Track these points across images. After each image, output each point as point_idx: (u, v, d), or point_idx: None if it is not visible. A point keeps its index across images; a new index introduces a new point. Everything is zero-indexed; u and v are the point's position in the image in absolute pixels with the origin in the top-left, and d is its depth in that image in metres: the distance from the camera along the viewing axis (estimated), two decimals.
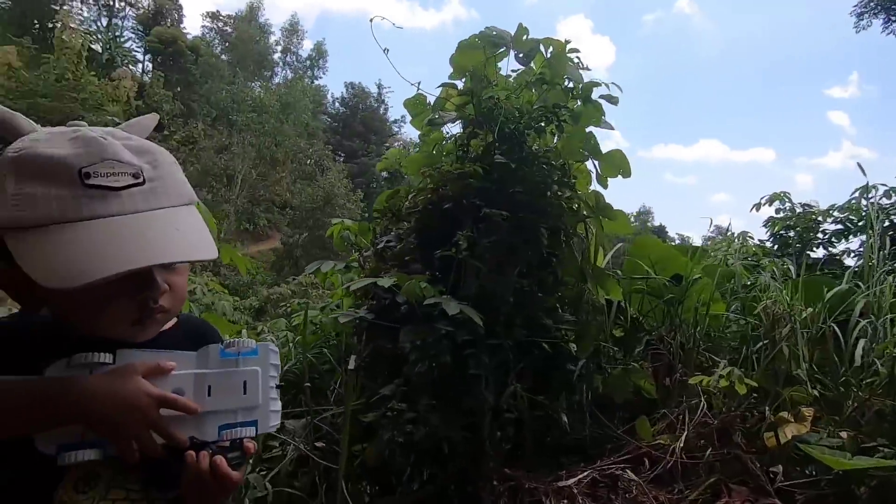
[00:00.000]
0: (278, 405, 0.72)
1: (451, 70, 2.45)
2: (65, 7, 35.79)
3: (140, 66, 40.03)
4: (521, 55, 2.22)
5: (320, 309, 2.96)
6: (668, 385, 2.57)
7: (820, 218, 4.91)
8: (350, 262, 2.73)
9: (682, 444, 2.20)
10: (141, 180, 0.62)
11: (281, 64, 42.90)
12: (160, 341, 0.70)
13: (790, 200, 5.21)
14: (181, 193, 0.67)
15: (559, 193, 2.31)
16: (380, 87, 43.27)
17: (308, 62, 42.87)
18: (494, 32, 2.19)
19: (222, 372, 0.68)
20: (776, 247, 5.08)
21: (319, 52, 43.01)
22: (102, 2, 38.99)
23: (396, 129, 44.09)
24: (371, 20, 2.11)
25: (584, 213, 2.53)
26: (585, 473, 2.26)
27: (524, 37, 2.17)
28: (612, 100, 2.30)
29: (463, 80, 2.48)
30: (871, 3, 14.69)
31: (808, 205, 5.17)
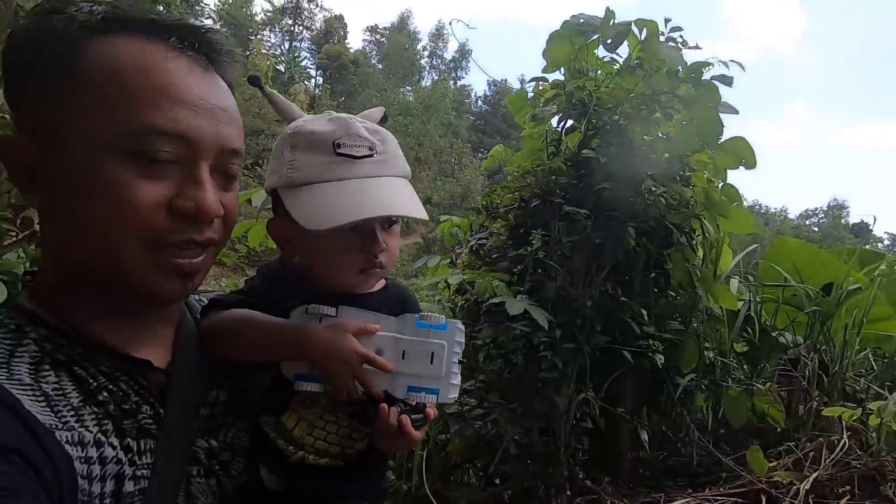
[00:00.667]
0: (458, 379, 0.80)
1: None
2: (258, 36, 42.51)
3: (313, 80, 45.79)
4: (609, 42, 2.06)
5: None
6: (800, 414, 2.17)
7: None
8: (442, 259, 2.81)
9: (808, 486, 1.85)
10: (373, 153, 0.78)
11: (427, 68, 45.16)
12: (371, 301, 0.83)
13: None
14: (401, 167, 0.82)
15: (653, 189, 2.09)
16: (522, 83, 43.08)
17: (452, 64, 44.39)
18: (582, 20, 2.07)
19: (416, 340, 0.77)
20: None
21: (462, 54, 44.34)
22: (285, 28, 45.65)
23: None
24: (451, 22, 2.12)
25: (697, 211, 2.26)
26: (685, 501, 2.03)
27: (611, 21, 2.00)
28: (727, 80, 2.00)
29: (561, 72, 2.39)
30: None
31: None
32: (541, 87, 2.41)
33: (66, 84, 0.61)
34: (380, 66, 45.68)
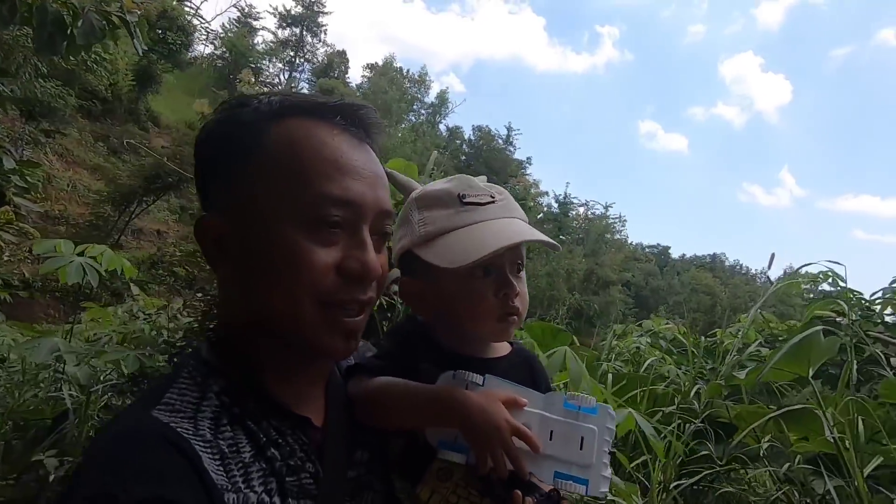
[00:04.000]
0: (609, 471, 0.74)
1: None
2: (257, 65, 42.49)
3: None
4: None
5: None
6: None
7: None
8: None
9: None
10: (495, 200, 0.83)
11: (407, 111, 43.23)
12: (501, 365, 0.83)
13: None
14: (521, 213, 0.85)
15: None
16: (509, 129, 40.58)
17: (432, 108, 42.30)
18: None
19: (564, 421, 0.74)
20: None
21: (442, 100, 42.56)
22: (286, 59, 46.00)
23: (522, 170, 39.68)
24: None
25: None
26: None
27: None
28: None
29: None
30: None
31: None
32: None
33: (253, 163, 0.69)
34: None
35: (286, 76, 46.00)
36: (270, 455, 0.66)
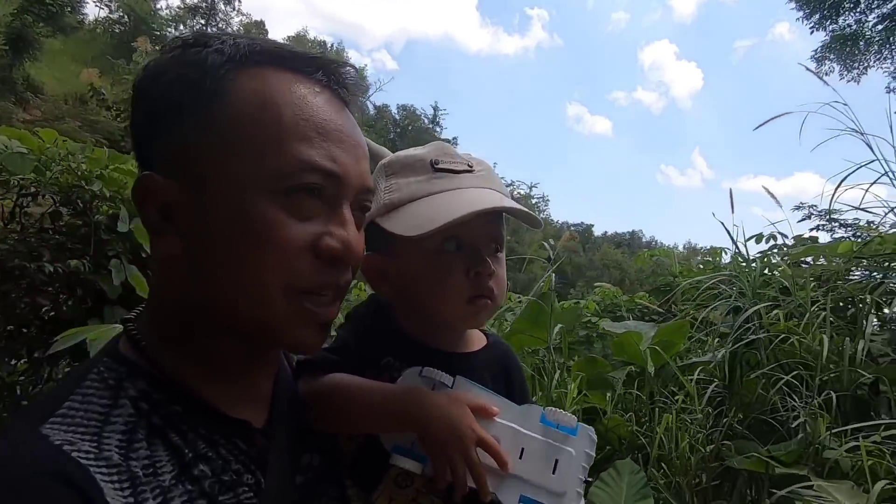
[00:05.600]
0: (582, 503, 0.65)
1: None
2: (161, 32, 38.79)
3: None
4: None
5: None
6: None
7: None
8: None
9: None
10: (472, 169, 0.75)
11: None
12: (475, 361, 0.76)
13: None
14: (502, 186, 0.77)
15: None
16: (435, 108, 40.27)
17: None
18: None
19: (539, 439, 0.65)
20: None
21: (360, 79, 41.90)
22: (195, 28, 42.70)
23: None
24: None
25: None
26: None
27: None
28: None
29: None
30: None
31: None
32: None
33: (215, 116, 0.57)
34: None
35: None
36: (198, 473, 0.55)
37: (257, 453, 0.61)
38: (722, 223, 2.98)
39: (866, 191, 2.81)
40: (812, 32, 12.83)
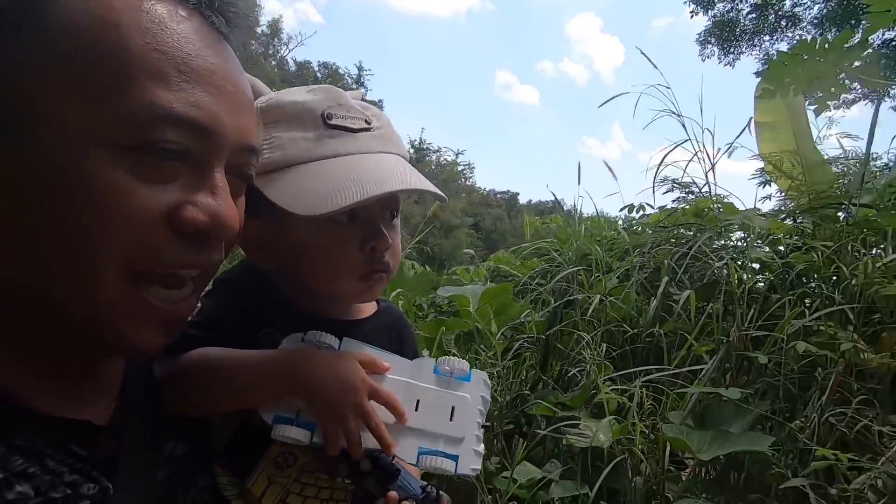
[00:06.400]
0: (481, 447, 0.64)
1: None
2: None
3: None
4: None
5: None
6: None
7: None
8: None
9: None
10: (370, 126, 0.68)
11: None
12: (365, 328, 0.72)
13: None
14: (402, 147, 0.72)
15: None
16: (360, 68, 39.03)
17: (265, 39, 38.97)
18: None
19: (434, 389, 0.65)
20: None
21: (274, 30, 39.45)
22: None
23: None
24: None
25: None
26: None
27: None
28: None
29: None
30: None
31: None
32: None
33: (37, 45, 0.43)
34: None
35: None
36: (16, 497, 0.43)
37: (102, 456, 0.50)
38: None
39: (684, 171, 3.19)
40: (692, 17, 13.70)
